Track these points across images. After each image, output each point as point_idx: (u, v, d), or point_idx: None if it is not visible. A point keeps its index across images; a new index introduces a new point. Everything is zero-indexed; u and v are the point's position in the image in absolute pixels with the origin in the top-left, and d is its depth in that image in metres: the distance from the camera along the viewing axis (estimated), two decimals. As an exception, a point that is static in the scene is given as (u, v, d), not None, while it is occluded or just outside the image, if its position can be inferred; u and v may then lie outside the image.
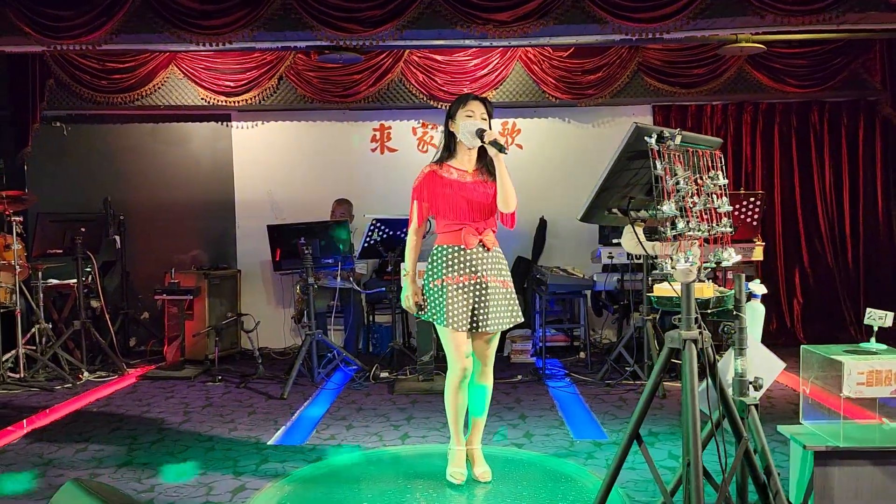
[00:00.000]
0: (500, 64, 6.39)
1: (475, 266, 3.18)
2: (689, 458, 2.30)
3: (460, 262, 3.19)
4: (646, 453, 2.57)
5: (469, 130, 3.16)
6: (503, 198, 3.16)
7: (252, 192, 6.88)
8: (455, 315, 3.14)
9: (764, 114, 6.69)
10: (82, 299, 5.81)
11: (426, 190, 3.24)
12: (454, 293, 3.16)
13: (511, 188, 3.16)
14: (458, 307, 3.15)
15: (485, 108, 3.22)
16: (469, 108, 3.20)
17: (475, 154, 3.26)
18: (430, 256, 3.29)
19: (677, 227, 2.31)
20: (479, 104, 3.22)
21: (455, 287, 3.17)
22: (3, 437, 4.11)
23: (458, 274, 3.18)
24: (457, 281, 3.17)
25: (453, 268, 3.18)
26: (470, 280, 3.18)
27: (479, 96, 3.29)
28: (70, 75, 6.33)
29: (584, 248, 6.50)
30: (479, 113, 3.20)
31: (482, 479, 3.29)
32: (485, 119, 3.20)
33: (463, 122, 3.19)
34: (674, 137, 2.35)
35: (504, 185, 3.14)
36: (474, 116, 3.18)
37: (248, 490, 3.25)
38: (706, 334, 2.44)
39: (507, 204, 3.17)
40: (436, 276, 3.21)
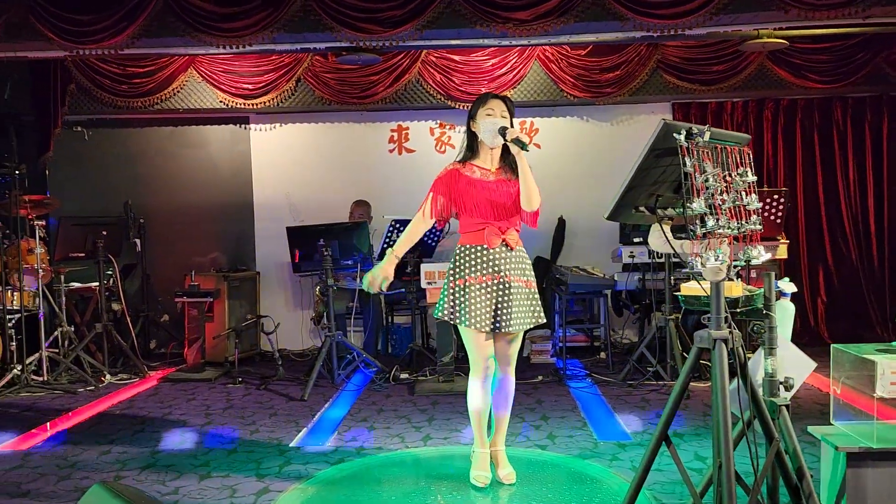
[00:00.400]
0: (517, 63, 6.36)
1: (498, 266, 3.16)
2: (721, 459, 2.27)
3: (483, 262, 3.17)
4: (675, 455, 2.54)
5: (490, 129, 3.15)
6: (526, 196, 3.14)
7: (270, 194, 6.90)
8: (477, 315, 3.12)
9: (785, 110, 6.61)
10: (104, 302, 5.84)
11: (446, 186, 3.22)
12: (476, 293, 3.14)
13: (534, 186, 3.14)
14: (480, 307, 3.13)
15: (505, 106, 3.20)
16: (489, 107, 3.19)
17: (497, 153, 3.24)
18: (452, 256, 3.28)
19: (707, 224, 2.28)
20: (500, 102, 3.21)
21: (478, 287, 3.15)
22: (28, 439, 4.13)
23: (481, 274, 3.16)
24: (479, 281, 3.15)
25: (476, 267, 3.16)
26: (493, 280, 3.15)
27: (499, 95, 3.27)
28: (91, 80, 6.38)
29: (604, 247, 6.45)
30: (500, 111, 3.18)
31: (507, 480, 3.27)
32: (505, 117, 3.18)
33: (483, 121, 3.17)
34: (703, 134, 2.31)
35: (527, 183, 3.12)
36: (494, 115, 3.17)
37: (271, 492, 3.24)
38: (736, 333, 2.40)
39: (531, 202, 3.14)
40: (458, 276, 3.19)
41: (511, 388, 3.31)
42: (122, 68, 6.35)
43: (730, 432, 2.29)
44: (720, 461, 2.27)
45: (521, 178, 3.12)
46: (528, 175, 3.12)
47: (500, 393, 3.29)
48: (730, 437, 2.28)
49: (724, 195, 2.38)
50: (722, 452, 2.26)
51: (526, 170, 3.12)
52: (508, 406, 3.32)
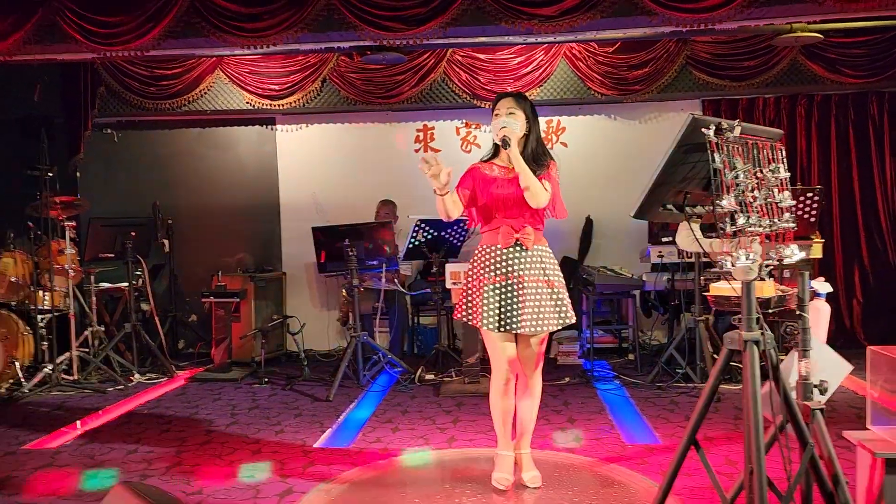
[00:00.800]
0: (544, 61, 6.29)
1: (510, 266, 3.12)
2: (752, 465, 2.19)
3: (495, 263, 3.14)
4: (704, 460, 2.47)
5: (495, 129, 3.16)
6: (529, 194, 3.07)
7: (297, 194, 6.92)
8: (487, 315, 3.09)
9: (819, 106, 6.45)
10: (133, 302, 5.90)
11: (469, 181, 3.22)
12: (489, 293, 3.12)
13: (534, 182, 3.05)
14: (489, 307, 3.10)
15: (514, 103, 3.17)
16: (497, 107, 3.20)
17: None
18: (471, 257, 3.27)
19: (737, 222, 2.21)
20: (507, 100, 3.20)
21: (491, 287, 3.13)
22: (57, 437, 4.18)
23: (494, 274, 3.13)
24: (493, 281, 3.13)
25: (489, 268, 3.15)
26: (506, 280, 3.11)
27: (510, 93, 3.26)
28: (120, 82, 6.46)
29: (632, 247, 6.35)
30: (506, 108, 3.16)
31: (532, 484, 3.22)
32: (513, 114, 3.15)
33: (493, 122, 3.20)
34: (732, 129, 2.24)
35: (525, 180, 3.06)
36: (500, 114, 3.16)
37: (295, 493, 3.23)
38: (768, 335, 2.32)
39: (534, 198, 3.06)
40: (474, 277, 3.20)
41: (535, 390, 3.25)
42: (149, 70, 6.41)
43: (761, 437, 2.22)
44: (751, 467, 2.19)
45: (519, 174, 3.07)
46: (522, 171, 3.05)
47: (523, 396, 3.24)
48: (761, 443, 2.21)
49: (756, 192, 2.31)
50: (753, 458, 2.19)
51: (520, 167, 3.06)
52: (533, 409, 3.27)
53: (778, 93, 6.37)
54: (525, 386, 3.24)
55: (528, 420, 3.28)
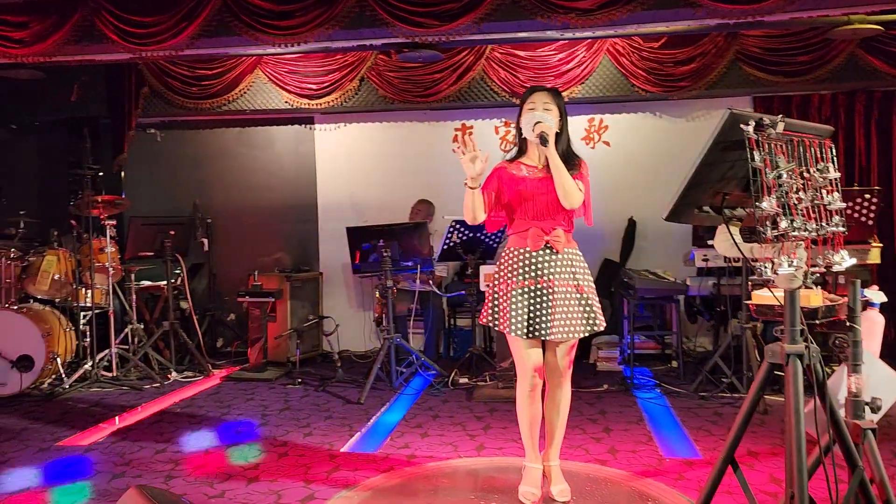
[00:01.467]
0: (586, 57, 6.11)
1: (540, 269, 2.99)
2: (794, 489, 2.02)
3: (524, 266, 3.01)
4: (742, 481, 2.30)
5: (528, 123, 3.00)
6: (561, 193, 2.93)
7: (334, 194, 6.89)
8: (514, 320, 2.96)
9: (879, 102, 6.11)
10: (171, 301, 5.95)
11: (490, 182, 3.07)
12: (517, 298, 2.99)
13: (568, 181, 2.92)
14: (518, 312, 2.96)
15: (550, 98, 3.03)
16: (531, 101, 3.04)
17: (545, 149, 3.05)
18: (498, 259, 3.15)
19: (779, 225, 2.03)
20: (543, 94, 3.05)
21: (519, 292, 2.99)
22: (91, 434, 4.21)
23: (522, 278, 3.00)
24: (521, 285, 2.99)
25: (518, 271, 3.01)
26: (536, 284, 2.98)
27: (544, 87, 3.11)
28: (162, 83, 6.52)
29: (676, 250, 6.13)
30: (542, 103, 3.02)
31: (560, 498, 3.07)
32: (548, 109, 3.01)
33: (525, 116, 3.03)
34: (775, 125, 2.07)
35: (559, 179, 2.92)
36: (536, 108, 3.01)
37: (317, 499, 3.16)
38: (814, 348, 2.14)
39: (567, 198, 2.93)
40: (501, 280, 3.06)
41: (564, 399, 3.11)
42: (191, 70, 6.46)
43: (804, 459, 2.04)
44: (792, 491, 2.02)
45: (553, 173, 2.93)
46: (559, 170, 2.91)
47: (552, 404, 3.11)
48: (804, 465, 2.03)
49: (801, 193, 2.13)
50: (795, 481, 2.02)
51: (555, 164, 2.92)
52: (562, 419, 3.13)
53: (834, 89, 6.05)
54: (553, 395, 3.10)
55: (556, 430, 3.14)
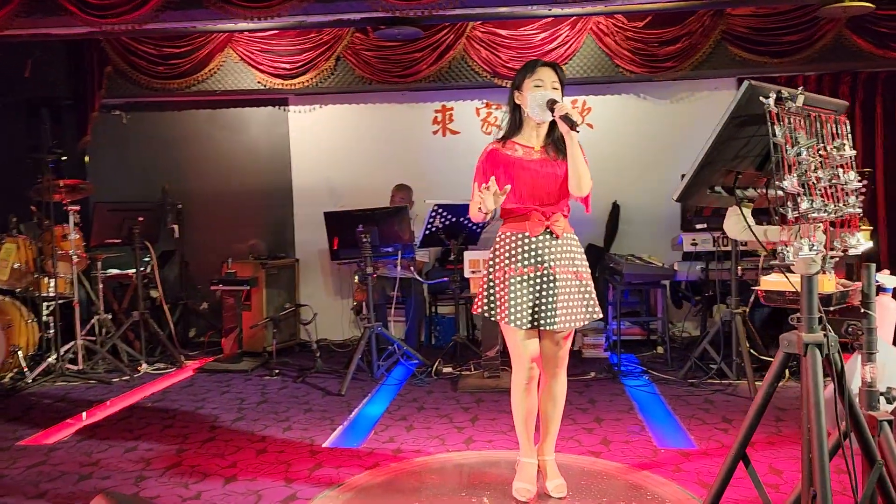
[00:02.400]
0: (569, 37, 5.95)
1: (541, 256, 2.83)
2: (816, 488, 1.90)
3: (524, 252, 2.84)
4: (755, 478, 2.18)
5: (538, 102, 2.79)
6: (576, 180, 2.78)
7: (310, 178, 6.66)
8: (515, 310, 2.79)
9: (864, 84, 6.04)
10: (141, 290, 5.70)
11: (485, 170, 2.88)
12: (516, 286, 2.81)
13: (585, 169, 2.78)
14: (519, 302, 2.79)
15: (556, 76, 2.83)
16: (538, 77, 2.82)
17: (543, 130, 2.89)
18: (492, 245, 2.95)
19: (800, 206, 1.89)
20: (550, 71, 2.84)
21: (518, 280, 2.82)
22: (56, 432, 3.98)
23: (522, 265, 2.83)
24: (520, 272, 2.82)
25: (516, 258, 2.84)
26: (536, 272, 2.82)
27: (549, 62, 2.89)
28: (127, 62, 6.23)
29: (660, 234, 6.03)
30: (550, 81, 2.81)
31: (556, 494, 2.94)
32: (556, 88, 2.82)
33: (531, 94, 2.81)
34: (794, 98, 1.93)
35: (577, 165, 2.76)
36: (544, 86, 2.81)
37: (299, 499, 2.99)
38: (833, 337, 2.01)
39: (580, 187, 2.79)
40: (497, 267, 2.88)
41: (561, 391, 2.97)
42: (157, 49, 6.17)
43: (826, 454, 1.92)
44: (814, 490, 1.90)
45: (570, 160, 2.77)
46: (577, 157, 2.76)
47: (548, 397, 2.96)
48: (826, 462, 1.91)
49: (819, 172, 2.00)
50: (817, 480, 1.89)
51: (576, 151, 2.76)
52: (558, 411, 2.99)
53: (820, 70, 5.98)
54: (549, 386, 2.96)
55: (552, 423, 3.00)
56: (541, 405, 2.98)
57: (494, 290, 2.89)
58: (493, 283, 2.90)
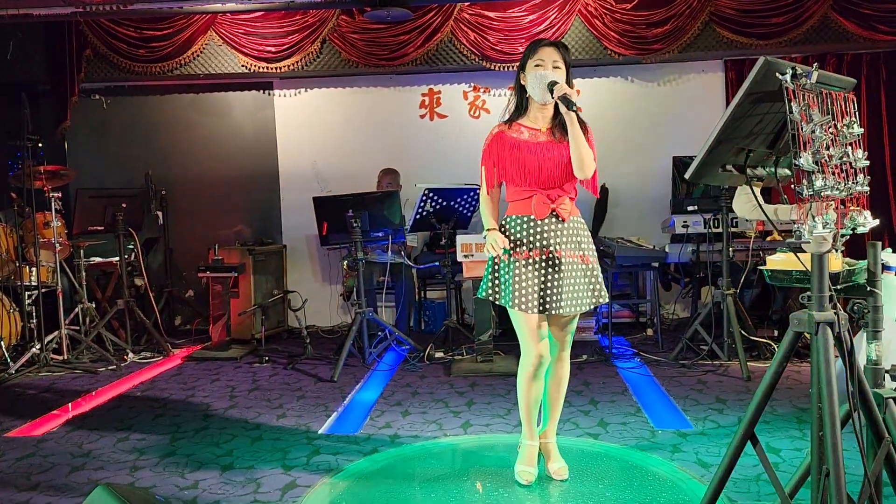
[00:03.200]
0: (557, 19, 5.91)
1: (547, 239, 2.79)
2: (829, 466, 1.90)
3: (530, 235, 2.80)
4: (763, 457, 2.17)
5: (539, 83, 2.74)
6: (578, 162, 2.74)
7: (296, 163, 6.57)
8: (524, 295, 2.75)
9: (849, 66, 6.07)
10: (125, 277, 5.60)
11: (492, 153, 2.85)
12: (523, 270, 2.78)
13: (587, 150, 2.73)
14: (527, 286, 2.76)
15: (559, 55, 2.78)
16: (539, 57, 2.77)
17: (550, 111, 2.83)
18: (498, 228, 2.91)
19: (814, 184, 1.88)
20: (552, 50, 2.78)
21: (524, 263, 2.79)
22: (44, 423, 3.90)
23: (528, 248, 2.79)
24: (526, 256, 2.79)
25: (522, 241, 2.81)
26: (541, 255, 2.78)
27: (552, 41, 2.84)
28: (107, 45, 6.09)
29: (649, 217, 6.05)
30: (551, 61, 2.76)
31: (558, 476, 2.93)
32: (558, 68, 2.77)
33: (532, 74, 2.76)
34: (809, 75, 1.91)
35: (578, 147, 2.71)
36: (545, 66, 2.75)
37: (299, 487, 2.95)
38: (843, 315, 2.01)
39: (583, 168, 2.75)
40: (503, 251, 2.82)
41: (565, 372, 2.97)
42: (138, 31, 6.04)
43: (839, 433, 1.92)
44: (827, 468, 1.90)
45: (571, 141, 2.72)
46: (579, 137, 2.70)
47: (553, 379, 2.95)
48: (839, 440, 1.91)
49: (831, 150, 1.99)
50: (830, 458, 1.89)
51: (577, 132, 2.70)
52: (562, 395, 2.99)
53: (806, 52, 5.99)
54: (555, 370, 2.94)
55: (555, 407, 3.00)
56: (547, 389, 2.96)
57: (500, 275, 2.85)
58: (499, 267, 2.86)
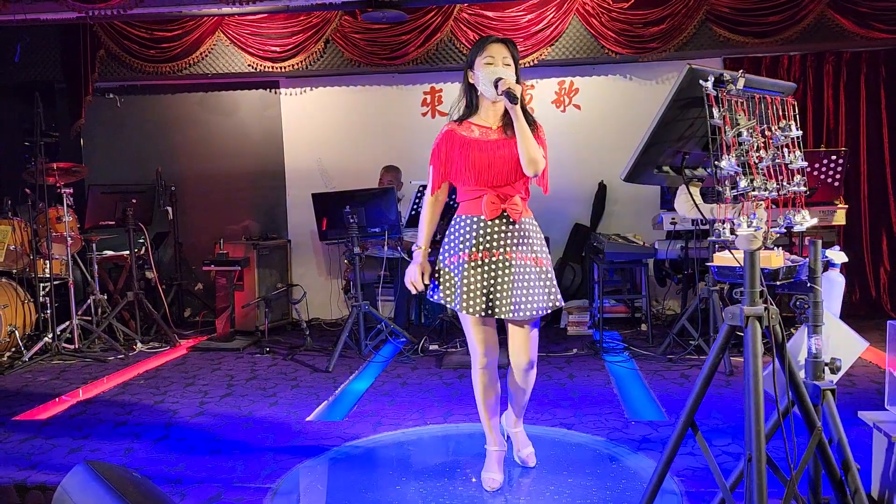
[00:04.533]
0: (555, 18, 6.00)
1: (495, 240, 2.73)
2: (751, 451, 2.01)
3: (479, 237, 2.73)
4: (703, 444, 2.28)
5: (489, 80, 2.66)
6: (526, 158, 2.64)
7: (302, 160, 6.75)
8: (470, 298, 2.70)
9: (848, 64, 6.10)
10: (135, 270, 5.82)
11: (441, 152, 2.78)
12: (469, 272, 2.72)
13: (534, 145, 2.63)
14: (473, 288, 2.71)
15: (508, 52, 2.70)
16: (488, 54, 2.68)
17: (501, 108, 2.75)
18: (448, 229, 2.86)
19: (738, 185, 1.99)
20: (501, 47, 2.70)
21: (473, 265, 2.72)
22: (50, 408, 4.12)
23: (476, 249, 2.73)
24: (474, 258, 2.72)
25: (469, 242, 2.74)
26: (490, 256, 2.73)
27: (500, 38, 2.76)
28: (119, 45, 6.31)
29: (647, 214, 6.11)
30: (501, 57, 2.68)
31: (526, 461, 3.04)
32: (508, 65, 2.68)
33: (482, 71, 2.67)
34: (735, 81, 2.01)
35: (525, 140, 2.62)
36: (495, 63, 2.67)
37: (279, 469, 3.11)
38: (773, 310, 2.11)
39: (534, 165, 2.64)
40: (452, 252, 2.78)
41: (530, 382, 2.87)
42: (149, 33, 6.25)
43: (762, 421, 2.02)
44: (750, 454, 2.01)
45: (518, 136, 2.63)
46: (525, 132, 2.62)
47: (516, 386, 2.89)
48: (762, 427, 2.02)
49: (762, 152, 2.09)
50: (753, 444, 2.00)
51: (522, 126, 2.62)
52: (526, 398, 2.95)
53: (804, 50, 6.02)
54: (517, 379, 2.86)
55: (519, 408, 3.01)
56: (511, 391, 2.95)
57: (446, 276, 2.80)
58: (448, 268, 2.80)
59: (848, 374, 4.04)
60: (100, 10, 4.28)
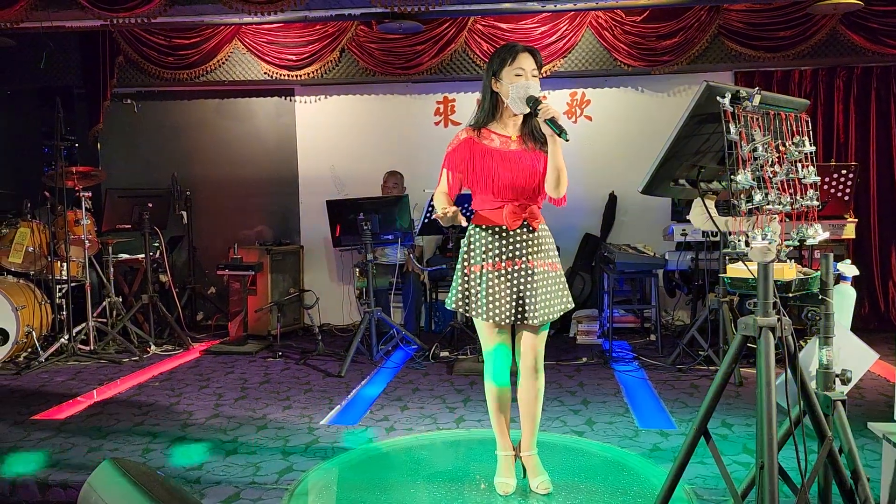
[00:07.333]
0: (568, 31, 6.07)
1: (520, 250, 2.77)
2: (763, 459, 2.05)
3: (501, 246, 2.77)
4: (714, 451, 2.33)
5: (520, 95, 2.67)
6: (554, 184, 2.71)
7: (315, 167, 6.83)
8: (497, 307, 2.74)
9: (859, 79, 6.14)
10: (150, 273, 5.89)
11: (460, 159, 2.78)
12: (496, 282, 2.75)
13: (565, 176, 2.70)
14: (501, 298, 2.74)
15: (535, 63, 2.72)
16: (518, 65, 2.68)
17: (520, 118, 2.79)
18: (465, 238, 2.86)
19: (753, 199, 2.04)
20: (529, 58, 2.71)
21: (496, 274, 2.75)
22: (68, 408, 4.18)
23: (500, 259, 2.76)
24: (499, 267, 2.75)
25: (493, 252, 2.77)
26: (514, 266, 2.77)
27: (528, 47, 2.75)
28: (138, 52, 6.41)
29: (657, 224, 6.15)
30: (530, 70, 2.69)
31: (540, 490, 2.89)
32: (535, 76, 2.71)
33: (513, 85, 2.68)
34: (751, 97, 2.07)
35: (559, 171, 2.68)
36: (524, 75, 2.68)
37: (295, 471, 3.17)
38: (786, 321, 2.16)
39: (559, 189, 2.72)
40: (474, 262, 2.80)
41: (541, 384, 2.89)
42: (167, 40, 6.35)
43: (774, 430, 2.07)
44: (762, 462, 2.05)
45: (552, 166, 2.69)
46: (560, 163, 2.67)
47: (527, 396, 2.89)
48: (774, 436, 2.06)
49: (776, 167, 2.14)
50: (765, 453, 2.05)
51: (558, 156, 2.67)
52: (539, 407, 2.94)
53: (815, 65, 6.08)
54: (527, 386, 2.88)
55: (533, 418, 2.91)
56: (521, 402, 2.92)
57: (470, 286, 2.81)
58: (469, 278, 2.81)
59: (857, 386, 4.07)
60: (124, 17, 4.37)
